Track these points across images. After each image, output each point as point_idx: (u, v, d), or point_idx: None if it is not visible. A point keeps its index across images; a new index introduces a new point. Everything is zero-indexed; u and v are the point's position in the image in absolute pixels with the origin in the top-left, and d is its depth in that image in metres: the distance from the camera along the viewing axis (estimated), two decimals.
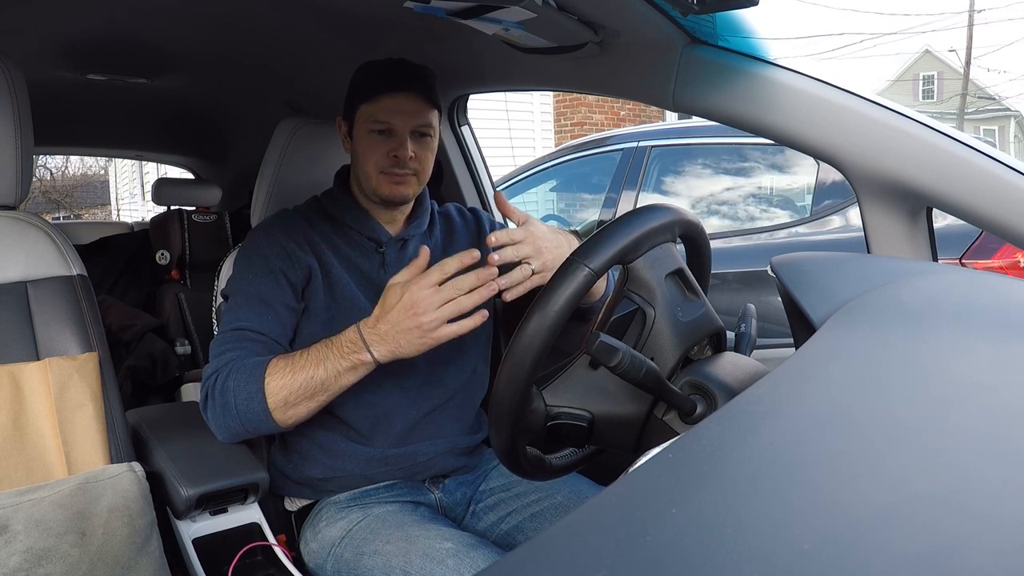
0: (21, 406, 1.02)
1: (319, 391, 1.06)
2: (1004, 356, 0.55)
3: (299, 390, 1.05)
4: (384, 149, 1.20)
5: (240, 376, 1.07)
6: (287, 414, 1.07)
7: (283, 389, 1.05)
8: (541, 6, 0.97)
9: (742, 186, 3.00)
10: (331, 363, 1.05)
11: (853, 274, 0.78)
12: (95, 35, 1.62)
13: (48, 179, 17.77)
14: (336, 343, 1.06)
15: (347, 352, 1.05)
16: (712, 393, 0.79)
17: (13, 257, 1.10)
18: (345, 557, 1.13)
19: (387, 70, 1.22)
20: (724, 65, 1.04)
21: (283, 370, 1.06)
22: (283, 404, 1.06)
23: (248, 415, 1.07)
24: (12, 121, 1.09)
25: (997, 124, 23.45)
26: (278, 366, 1.07)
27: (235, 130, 2.67)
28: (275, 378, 1.05)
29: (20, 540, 0.90)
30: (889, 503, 0.37)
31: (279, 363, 1.07)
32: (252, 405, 1.06)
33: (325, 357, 1.06)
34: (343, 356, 1.05)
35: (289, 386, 1.05)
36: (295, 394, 1.05)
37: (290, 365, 1.06)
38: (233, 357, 1.10)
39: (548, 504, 1.21)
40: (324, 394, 1.07)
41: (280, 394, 1.05)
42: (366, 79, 1.23)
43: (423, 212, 1.33)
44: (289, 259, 1.19)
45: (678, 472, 0.44)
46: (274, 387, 1.05)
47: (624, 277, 0.85)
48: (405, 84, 1.21)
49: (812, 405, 0.50)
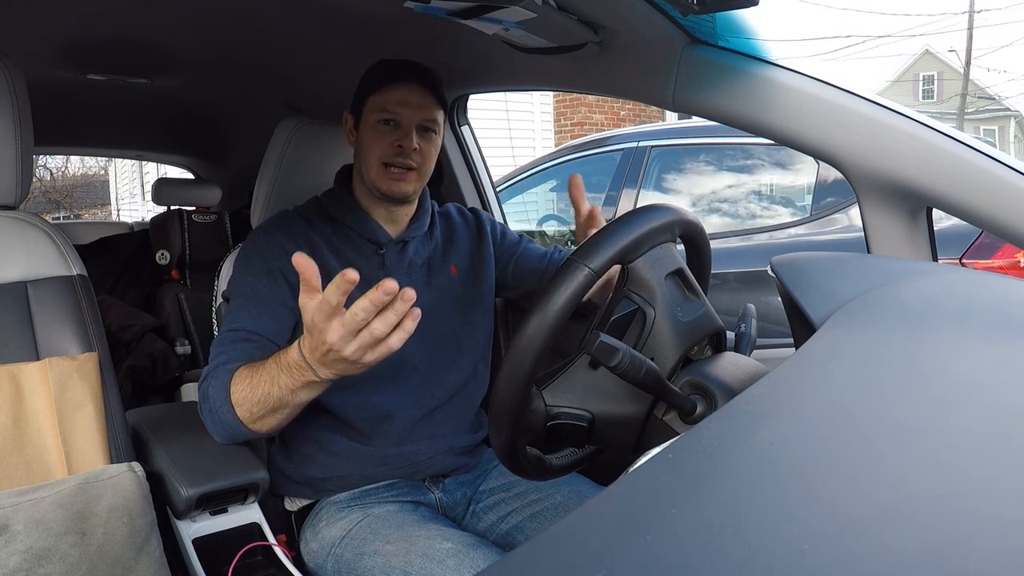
0: (21, 406, 1.02)
1: (279, 406, 1.02)
2: (1004, 356, 0.55)
3: (259, 404, 1.02)
4: (389, 139, 1.21)
5: (217, 383, 1.06)
6: (256, 425, 1.05)
7: (246, 401, 1.03)
8: (541, 6, 0.97)
9: (742, 185, 3.00)
10: (283, 381, 1.00)
11: (853, 274, 0.78)
12: (95, 35, 1.62)
13: (48, 179, 17.77)
14: (284, 363, 0.99)
15: (295, 373, 0.98)
16: (712, 393, 0.79)
17: (13, 257, 1.10)
18: (345, 557, 1.12)
19: (399, 64, 1.26)
20: (724, 65, 1.04)
21: (243, 383, 1.03)
22: (250, 416, 1.04)
23: (229, 424, 1.06)
24: (12, 121, 1.09)
25: (997, 124, 23.44)
26: (240, 377, 1.04)
27: (235, 130, 2.67)
28: (237, 390, 1.03)
29: (20, 540, 0.90)
30: (889, 503, 0.37)
31: (242, 373, 1.04)
32: (223, 412, 1.05)
33: (277, 376, 1.00)
34: (292, 376, 0.99)
35: (250, 400, 1.02)
36: (257, 407, 1.02)
37: (249, 378, 1.03)
38: (221, 361, 1.09)
39: (548, 504, 1.21)
40: (287, 408, 1.03)
41: (244, 406, 1.03)
42: (377, 72, 1.26)
43: (424, 214, 1.33)
44: (288, 259, 1.19)
45: (678, 472, 0.44)
46: (238, 399, 1.03)
47: (624, 277, 0.85)
48: (415, 77, 1.24)
49: (812, 405, 0.50)
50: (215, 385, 1.06)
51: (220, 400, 1.05)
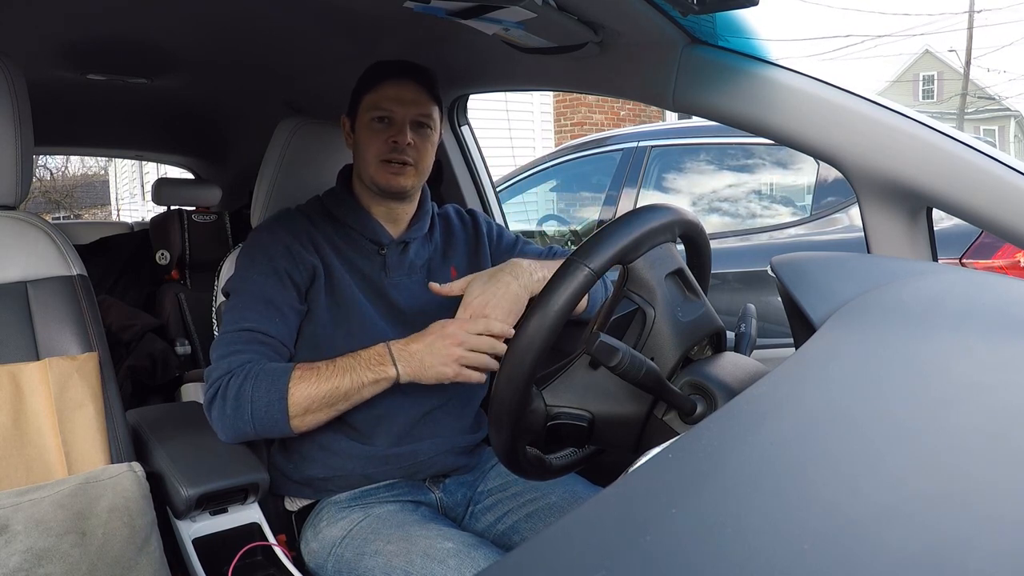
0: (21, 406, 1.02)
1: (340, 400, 1.10)
2: (1004, 356, 0.55)
3: (322, 399, 1.09)
4: (384, 136, 1.23)
5: (260, 382, 1.08)
6: (304, 421, 1.10)
7: (307, 399, 1.08)
8: (541, 6, 0.97)
9: (742, 184, 3.00)
10: (357, 374, 1.09)
11: (853, 274, 0.78)
12: (95, 35, 1.62)
13: (48, 179, 17.76)
14: (363, 355, 1.11)
15: (374, 364, 1.09)
16: (712, 393, 0.79)
17: (13, 257, 1.10)
18: (346, 557, 1.12)
19: (391, 63, 1.27)
20: (724, 65, 1.04)
21: (308, 380, 1.09)
22: (303, 412, 1.09)
23: (265, 421, 1.08)
24: (12, 121, 1.09)
25: (997, 124, 23.44)
26: (304, 376, 1.09)
27: (235, 130, 2.67)
28: (300, 387, 1.08)
29: (20, 540, 0.90)
30: (889, 503, 0.37)
31: (305, 373, 1.09)
32: (272, 412, 1.08)
33: (351, 368, 1.10)
34: (369, 368, 1.09)
35: (314, 395, 1.08)
36: (317, 403, 1.09)
37: (316, 375, 1.09)
38: (247, 360, 1.11)
39: (543, 504, 1.21)
40: (344, 403, 1.11)
41: (303, 403, 1.08)
42: (371, 72, 1.27)
43: (424, 215, 1.33)
44: (293, 259, 1.19)
45: (678, 472, 0.44)
46: (298, 396, 1.08)
47: (624, 277, 0.85)
48: (407, 74, 1.25)
49: (812, 405, 0.50)
50: (256, 383, 1.08)
51: (267, 398, 1.08)
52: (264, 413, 1.08)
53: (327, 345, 1.19)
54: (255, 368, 1.09)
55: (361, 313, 1.22)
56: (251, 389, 1.08)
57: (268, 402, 1.07)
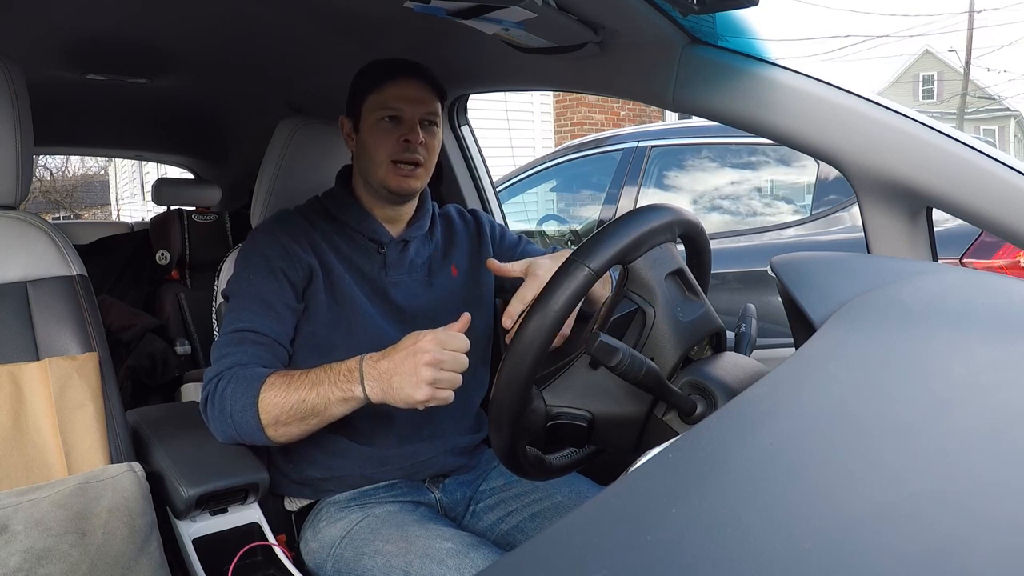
0: (21, 406, 1.02)
1: (309, 415, 1.05)
2: (1004, 356, 0.55)
3: (290, 410, 1.05)
4: (395, 136, 1.21)
5: (238, 386, 1.07)
6: (278, 431, 1.07)
7: (275, 407, 1.05)
8: (541, 6, 0.97)
9: (742, 183, 3.00)
10: (324, 389, 1.04)
11: (853, 274, 0.78)
12: (95, 35, 1.62)
13: (48, 179, 17.75)
14: (335, 370, 1.05)
15: (342, 381, 1.04)
16: (712, 393, 0.79)
17: (13, 257, 1.10)
18: (345, 557, 1.13)
19: (392, 62, 1.26)
20: (724, 65, 1.04)
21: (278, 387, 1.05)
22: (274, 422, 1.06)
23: (243, 426, 1.07)
24: (12, 121, 1.09)
25: (997, 124, 23.43)
26: (274, 383, 1.06)
27: (235, 130, 2.67)
28: (269, 395, 1.05)
29: (20, 540, 0.90)
30: (889, 503, 0.37)
31: (276, 380, 1.06)
32: (246, 417, 1.06)
33: (320, 382, 1.04)
34: (336, 385, 1.04)
35: (281, 405, 1.05)
36: (286, 414, 1.05)
37: (285, 384, 1.05)
38: (234, 362, 1.10)
39: (548, 504, 1.21)
40: (315, 419, 1.06)
41: (272, 412, 1.05)
42: (372, 71, 1.26)
43: (425, 214, 1.33)
44: (290, 259, 1.19)
45: (678, 472, 0.44)
46: (267, 403, 1.05)
47: (624, 277, 0.85)
48: (411, 72, 1.24)
49: (812, 405, 0.50)
50: (234, 387, 1.07)
51: (242, 403, 1.06)
52: (240, 418, 1.06)
53: (327, 344, 1.19)
54: (240, 372, 1.09)
55: (360, 311, 1.22)
56: (231, 392, 1.07)
57: (242, 406, 1.06)
